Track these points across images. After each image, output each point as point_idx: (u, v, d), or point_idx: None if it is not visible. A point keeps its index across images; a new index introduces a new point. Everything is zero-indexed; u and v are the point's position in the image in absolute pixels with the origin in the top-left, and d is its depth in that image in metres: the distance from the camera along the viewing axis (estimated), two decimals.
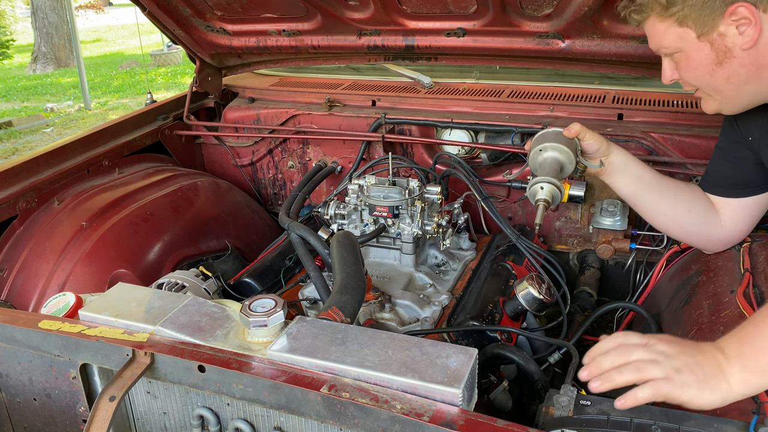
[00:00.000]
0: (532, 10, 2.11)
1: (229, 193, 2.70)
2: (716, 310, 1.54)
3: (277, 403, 1.12)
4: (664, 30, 1.44)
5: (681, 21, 1.39)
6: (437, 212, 2.12)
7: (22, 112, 9.51)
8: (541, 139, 1.68)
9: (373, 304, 1.86)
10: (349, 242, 1.61)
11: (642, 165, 1.76)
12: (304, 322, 1.25)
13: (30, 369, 1.36)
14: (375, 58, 2.61)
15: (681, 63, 1.47)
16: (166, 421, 1.33)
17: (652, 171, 1.76)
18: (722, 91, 1.46)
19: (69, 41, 12.30)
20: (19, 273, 2.03)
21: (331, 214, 2.18)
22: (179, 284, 1.91)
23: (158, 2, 2.40)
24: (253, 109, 2.85)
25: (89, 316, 1.32)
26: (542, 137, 1.69)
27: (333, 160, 2.71)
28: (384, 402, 1.04)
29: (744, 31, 1.33)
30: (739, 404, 1.21)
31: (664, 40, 1.46)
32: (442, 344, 1.16)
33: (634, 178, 1.74)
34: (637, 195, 1.76)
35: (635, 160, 1.76)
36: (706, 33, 1.38)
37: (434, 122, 2.50)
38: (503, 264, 2.14)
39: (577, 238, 2.52)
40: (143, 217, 2.26)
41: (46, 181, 2.24)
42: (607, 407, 1.18)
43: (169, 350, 1.19)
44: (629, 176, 1.74)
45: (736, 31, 1.34)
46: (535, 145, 1.68)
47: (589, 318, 1.89)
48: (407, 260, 2.10)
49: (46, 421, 1.41)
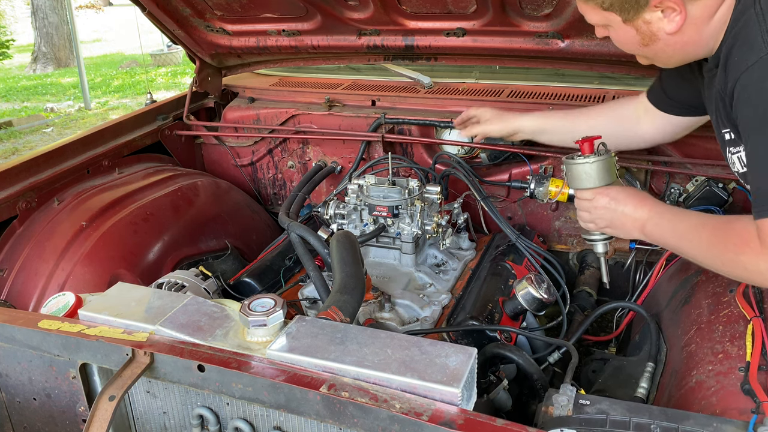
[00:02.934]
0: (531, 10, 2.11)
1: (229, 193, 2.70)
2: (715, 310, 1.54)
3: (277, 402, 1.12)
4: (590, 9, 1.47)
5: (604, 7, 1.41)
6: (437, 212, 2.12)
7: (22, 112, 9.51)
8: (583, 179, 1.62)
9: (373, 304, 1.86)
10: (349, 242, 1.61)
11: (556, 119, 2.04)
12: (303, 322, 1.25)
13: (30, 369, 1.36)
14: (375, 58, 2.61)
15: (611, 34, 1.51)
16: (166, 421, 1.33)
17: (567, 120, 2.01)
18: (651, 59, 1.54)
19: (69, 41, 12.30)
20: (19, 273, 2.03)
21: (331, 213, 2.18)
22: (179, 284, 1.92)
23: (158, 2, 2.40)
24: (253, 109, 2.85)
25: (89, 315, 1.32)
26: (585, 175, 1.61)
27: (333, 160, 2.71)
28: (383, 401, 1.04)
29: (671, 18, 1.35)
30: (738, 404, 1.21)
31: (591, 18, 1.50)
32: (441, 344, 1.16)
33: (551, 139, 2.08)
34: (562, 141, 2.07)
35: (542, 117, 2.06)
36: (630, 19, 1.40)
37: (434, 122, 2.50)
38: (503, 264, 2.14)
39: (577, 238, 2.52)
40: (143, 217, 2.26)
41: (46, 181, 2.24)
42: (606, 407, 1.18)
43: (168, 350, 1.19)
44: (546, 136, 2.07)
45: (661, 16, 1.36)
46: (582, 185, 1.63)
47: (588, 318, 1.89)
48: (407, 260, 2.10)
49: (45, 421, 1.41)
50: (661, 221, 1.49)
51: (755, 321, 1.39)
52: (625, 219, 1.56)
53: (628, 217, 1.55)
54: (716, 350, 1.41)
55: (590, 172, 1.60)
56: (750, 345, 1.34)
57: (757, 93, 1.24)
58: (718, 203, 2.12)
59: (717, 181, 2.14)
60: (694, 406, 1.31)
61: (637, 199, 1.55)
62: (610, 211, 1.58)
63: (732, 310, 1.49)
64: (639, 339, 1.86)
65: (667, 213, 1.50)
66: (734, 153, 1.46)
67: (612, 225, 1.60)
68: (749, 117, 1.27)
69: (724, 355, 1.38)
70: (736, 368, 1.31)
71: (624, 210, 1.55)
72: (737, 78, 1.28)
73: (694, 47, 1.43)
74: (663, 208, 1.51)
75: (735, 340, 1.40)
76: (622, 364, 1.73)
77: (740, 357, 1.34)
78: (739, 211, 2.12)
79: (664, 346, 1.67)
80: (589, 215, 1.63)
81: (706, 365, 1.39)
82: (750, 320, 1.41)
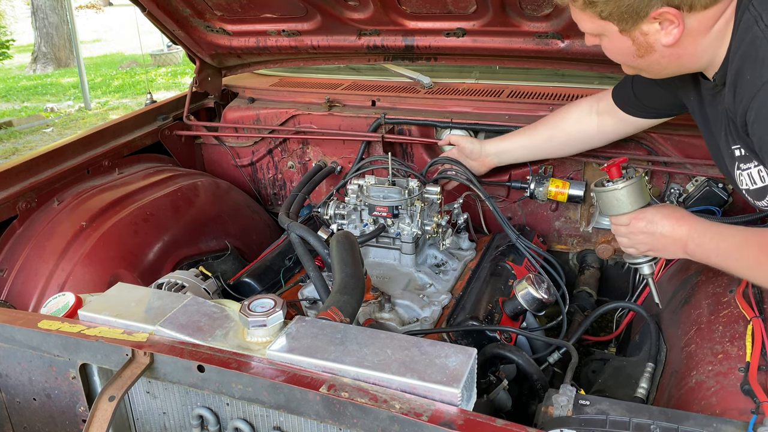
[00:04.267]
0: (531, 10, 2.11)
1: (229, 193, 2.70)
2: (715, 310, 1.54)
3: (277, 402, 1.12)
4: (586, 18, 1.44)
5: (603, 16, 1.39)
6: (437, 212, 2.12)
7: (22, 112, 9.51)
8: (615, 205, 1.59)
9: (373, 304, 1.86)
10: (349, 242, 1.61)
11: (515, 138, 2.16)
12: (303, 322, 1.25)
13: (30, 369, 1.36)
14: (375, 58, 2.61)
15: (603, 43, 1.49)
16: (166, 421, 1.33)
17: (525, 135, 2.12)
18: (642, 71, 1.54)
19: (69, 41, 12.30)
20: (18, 273, 2.03)
21: (331, 214, 2.18)
22: (179, 284, 1.92)
23: (158, 2, 2.40)
24: (253, 110, 2.85)
25: (89, 316, 1.32)
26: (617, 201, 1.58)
27: (333, 160, 2.71)
28: (383, 402, 1.04)
29: (668, 31, 1.34)
30: (738, 404, 1.21)
31: (586, 26, 1.47)
32: (441, 344, 1.16)
33: (516, 156, 2.19)
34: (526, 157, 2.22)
35: (507, 139, 2.17)
36: (628, 30, 1.38)
37: (434, 122, 2.50)
38: (503, 264, 2.14)
39: (577, 238, 2.52)
40: (143, 217, 2.26)
41: (46, 181, 2.24)
42: (606, 407, 1.18)
43: (168, 350, 1.19)
44: (510, 156, 2.20)
45: (659, 28, 1.35)
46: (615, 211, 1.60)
47: (588, 318, 1.89)
48: (407, 260, 2.10)
49: (45, 421, 1.41)
50: (703, 240, 1.45)
51: (755, 321, 1.39)
52: (666, 240, 1.52)
53: (668, 239, 1.51)
54: (716, 350, 1.41)
55: (621, 198, 1.56)
56: (750, 345, 1.34)
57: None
58: (718, 203, 2.12)
59: (717, 182, 2.14)
60: (694, 407, 1.31)
61: (674, 218, 1.51)
62: (649, 235, 1.54)
63: (732, 311, 1.49)
64: (639, 339, 1.86)
65: (708, 231, 1.45)
66: (744, 169, 1.45)
67: (653, 248, 1.57)
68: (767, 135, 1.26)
69: (724, 356, 1.38)
70: (735, 368, 1.31)
71: (663, 231, 1.52)
72: (753, 96, 1.26)
73: (689, 60, 1.43)
74: (703, 226, 1.47)
75: (735, 341, 1.40)
76: (622, 365, 1.73)
77: (740, 357, 1.34)
78: (739, 211, 2.12)
79: (663, 346, 1.67)
80: (629, 241, 1.60)
81: (706, 365, 1.39)
82: (750, 320, 1.41)
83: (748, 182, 1.46)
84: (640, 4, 1.31)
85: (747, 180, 1.46)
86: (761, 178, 1.42)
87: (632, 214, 1.56)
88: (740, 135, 1.38)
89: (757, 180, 1.43)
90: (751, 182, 1.45)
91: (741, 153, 1.44)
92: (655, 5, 1.30)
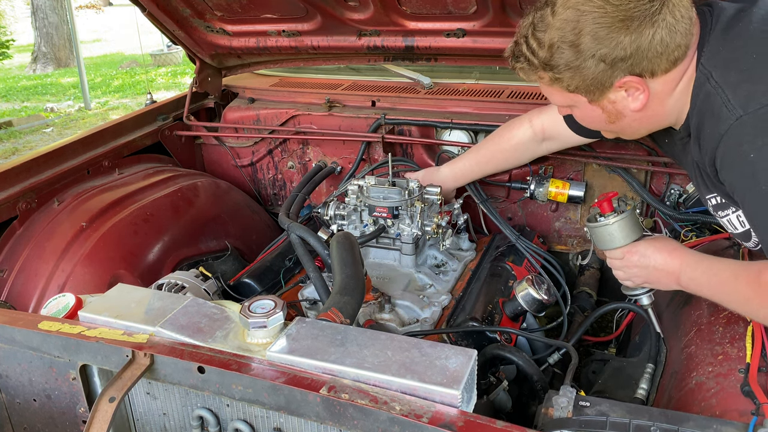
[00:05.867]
0: None
1: (229, 193, 2.70)
2: (715, 311, 1.54)
3: (277, 404, 1.12)
4: (555, 92, 1.49)
5: (570, 90, 1.43)
6: (437, 213, 2.12)
7: (22, 112, 9.51)
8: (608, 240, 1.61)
9: (373, 305, 1.86)
10: (349, 243, 1.61)
11: (465, 158, 2.20)
12: (303, 323, 1.25)
13: (30, 370, 1.36)
14: (375, 58, 2.61)
15: (575, 113, 1.55)
16: (166, 422, 1.33)
17: (473, 153, 2.19)
18: (618, 134, 1.60)
19: (69, 41, 12.29)
20: (19, 274, 2.03)
21: (331, 214, 2.18)
22: (179, 285, 1.92)
23: (158, 2, 2.40)
24: (253, 110, 2.85)
25: (89, 317, 1.32)
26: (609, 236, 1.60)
27: (333, 160, 2.71)
28: (383, 403, 1.04)
29: (635, 97, 1.40)
30: (738, 405, 1.21)
31: (557, 99, 1.53)
32: (441, 345, 1.16)
33: (468, 175, 2.22)
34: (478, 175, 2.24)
35: (460, 160, 2.22)
36: (596, 100, 1.43)
37: (434, 122, 2.50)
38: (503, 264, 2.14)
39: (577, 239, 2.52)
40: (143, 218, 2.26)
41: (46, 181, 2.24)
42: (606, 408, 1.19)
43: (168, 351, 1.19)
44: (464, 175, 2.22)
45: (625, 95, 1.40)
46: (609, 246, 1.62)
47: (588, 318, 1.89)
48: (407, 261, 2.10)
49: (45, 422, 1.41)
50: (695, 274, 1.47)
51: (755, 323, 1.39)
52: (659, 273, 1.54)
53: (661, 272, 1.54)
54: (716, 352, 1.41)
55: (614, 232, 1.58)
56: (750, 346, 1.35)
57: (738, 157, 1.28)
58: None
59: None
60: (693, 408, 1.31)
61: (666, 251, 1.53)
62: (643, 268, 1.57)
63: (732, 312, 1.49)
64: (639, 340, 1.86)
65: (699, 265, 1.47)
66: (723, 216, 1.50)
67: (648, 280, 1.59)
68: (737, 180, 1.31)
69: (724, 357, 1.38)
70: (735, 370, 1.31)
71: (656, 265, 1.54)
72: (715, 149, 1.32)
73: (659, 119, 1.48)
74: (694, 259, 1.49)
75: (735, 342, 1.40)
76: (622, 365, 1.73)
77: (740, 358, 1.34)
78: None
79: (663, 347, 1.67)
80: (624, 274, 1.63)
81: (705, 366, 1.39)
82: (750, 322, 1.41)
83: (731, 228, 1.51)
84: (604, 76, 1.36)
85: (729, 226, 1.51)
86: (741, 223, 1.46)
87: (625, 248, 1.58)
88: (714, 183, 1.43)
89: (738, 225, 1.47)
90: (732, 227, 1.50)
91: (717, 201, 1.49)
92: (618, 75, 1.35)
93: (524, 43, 1.43)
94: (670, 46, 1.32)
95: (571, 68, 1.37)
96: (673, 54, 1.34)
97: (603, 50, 1.32)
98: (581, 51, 1.33)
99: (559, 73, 1.39)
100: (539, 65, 1.41)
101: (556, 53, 1.36)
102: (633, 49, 1.31)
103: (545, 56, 1.38)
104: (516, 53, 1.48)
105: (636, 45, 1.31)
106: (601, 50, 1.32)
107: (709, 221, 2.07)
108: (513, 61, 1.50)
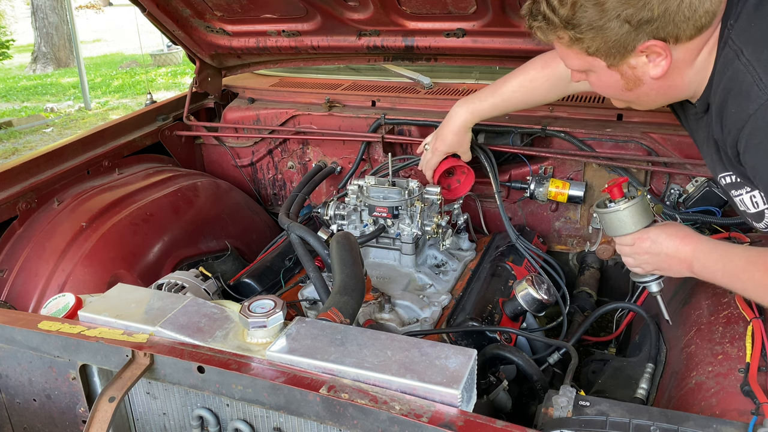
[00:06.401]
0: None
1: (229, 193, 2.71)
2: (715, 311, 1.54)
3: (277, 403, 1.12)
4: (573, 55, 1.42)
5: (590, 52, 1.37)
6: (437, 213, 2.12)
7: (22, 112, 9.51)
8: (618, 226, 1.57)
9: (373, 305, 1.86)
10: (349, 243, 1.61)
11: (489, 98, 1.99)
12: (303, 323, 1.25)
13: (30, 370, 1.36)
14: (375, 58, 2.61)
15: (590, 78, 1.48)
16: (166, 422, 1.33)
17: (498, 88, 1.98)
18: (631, 104, 1.53)
19: (69, 41, 12.29)
20: (19, 274, 2.03)
21: (331, 214, 2.18)
22: (179, 285, 1.92)
23: (158, 3, 2.41)
24: (253, 110, 2.85)
25: (89, 316, 1.32)
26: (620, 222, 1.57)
27: (333, 160, 2.71)
28: (383, 403, 1.04)
29: (657, 63, 1.34)
30: (738, 405, 1.21)
31: (573, 63, 1.46)
32: (441, 345, 1.16)
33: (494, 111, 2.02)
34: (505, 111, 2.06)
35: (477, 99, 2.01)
36: (615, 65, 1.38)
37: (434, 122, 2.49)
38: (503, 264, 2.14)
39: (577, 239, 2.52)
40: (143, 218, 2.26)
41: (46, 181, 2.24)
42: (606, 408, 1.18)
43: (168, 351, 1.19)
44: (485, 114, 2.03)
45: (646, 61, 1.35)
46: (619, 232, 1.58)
47: (588, 318, 1.89)
48: (407, 261, 2.10)
49: (45, 422, 1.41)
50: (708, 261, 1.44)
51: (755, 322, 1.39)
52: (671, 260, 1.51)
53: (673, 259, 1.50)
54: (716, 351, 1.41)
55: (624, 218, 1.55)
56: (750, 346, 1.35)
57: (765, 138, 1.23)
58: (718, 204, 2.12)
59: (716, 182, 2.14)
60: (693, 408, 1.31)
61: (678, 237, 1.50)
62: (654, 255, 1.53)
63: (732, 312, 1.49)
64: (639, 340, 1.86)
65: (713, 252, 1.44)
66: (736, 196, 1.46)
67: (659, 267, 1.56)
68: (761, 162, 1.27)
69: (724, 357, 1.38)
70: (735, 369, 1.31)
71: (667, 251, 1.50)
72: (741, 128, 1.27)
73: (677, 90, 1.43)
74: (708, 246, 1.45)
75: (735, 342, 1.40)
76: (622, 365, 1.73)
77: (740, 358, 1.34)
78: None
79: (663, 347, 1.67)
80: (634, 260, 1.59)
81: (705, 366, 1.39)
82: (750, 321, 1.41)
83: (743, 207, 1.47)
84: (627, 38, 1.30)
85: (741, 205, 1.47)
86: (754, 204, 1.42)
87: (636, 234, 1.55)
88: (732, 163, 1.39)
89: (750, 206, 1.44)
90: (744, 207, 1.46)
91: (732, 180, 1.45)
92: (641, 39, 1.30)
93: (544, 1, 1.35)
94: (699, 11, 1.26)
95: (593, 28, 1.30)
96: (701, 20, 1.28)
97: (629, 10, 1.25)
98: (606, 10, 1.27)
99: (581, 33, 1.32)
100: (559, 24, 1.33)
101: (579, 11, 1.29)
102: (661, 11, 1.25)
103: (567, 14, 1.31)
104: (533, 11, 1.39)
105: (664, 7, 1.24)
106: (627, 10, 1.25)
107: (709, 221, 2.07)
108: (530, 19, 1.41)
